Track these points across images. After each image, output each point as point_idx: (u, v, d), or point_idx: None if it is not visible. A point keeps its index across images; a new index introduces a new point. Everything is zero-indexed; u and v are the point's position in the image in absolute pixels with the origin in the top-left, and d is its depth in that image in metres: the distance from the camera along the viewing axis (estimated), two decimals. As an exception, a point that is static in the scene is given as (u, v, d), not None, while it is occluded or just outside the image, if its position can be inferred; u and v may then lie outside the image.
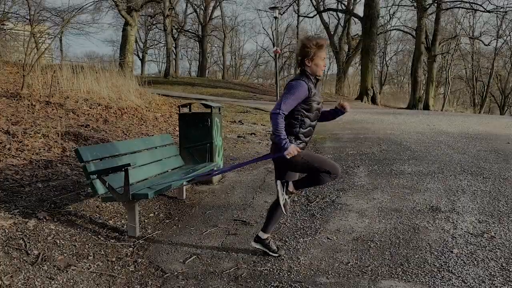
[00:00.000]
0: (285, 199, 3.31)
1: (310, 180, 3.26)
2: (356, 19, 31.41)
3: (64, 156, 5.77)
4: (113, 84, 10.61)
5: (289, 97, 3.07)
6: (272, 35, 41.91)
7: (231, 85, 29.68)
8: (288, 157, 3.08)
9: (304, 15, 40.10)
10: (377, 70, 40.03)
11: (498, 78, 38.71)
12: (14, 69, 11.51)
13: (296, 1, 34.77)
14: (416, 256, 3.40)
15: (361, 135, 9.80)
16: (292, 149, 3.07)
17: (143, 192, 3.74)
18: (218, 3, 38.38)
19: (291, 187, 3.31)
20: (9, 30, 15.29)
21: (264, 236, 3.47)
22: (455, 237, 3.73)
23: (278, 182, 3.30)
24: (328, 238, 3.83)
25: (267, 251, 3.47)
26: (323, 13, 34.90)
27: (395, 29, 36.40)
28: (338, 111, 3.44)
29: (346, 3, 33.39)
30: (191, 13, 41.02)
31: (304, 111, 3.17)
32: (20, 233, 3.47)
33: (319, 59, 3.16)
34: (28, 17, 12.18)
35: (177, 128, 6.18)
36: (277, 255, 3.45)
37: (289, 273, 3.20)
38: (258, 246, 3.49)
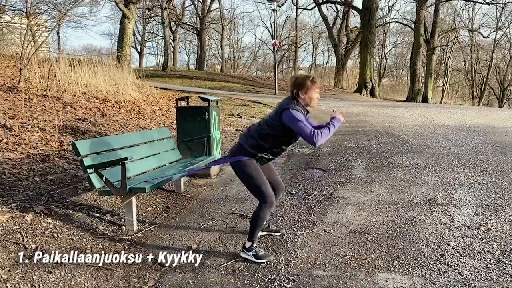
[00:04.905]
0: None
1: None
2: (355, 11, 31.29)
3: (61, 150, 5.77)
4: (111, 77, 10.56)
5: (301, 121, 3.11)
6: (271, 27, 41.73)
7: (230, 78, 29.60)
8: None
9: (302, 7, 39.98)
10: (376, 62, 39.95)
11: (497, 70, 38.67)
12: (11, 63, 11.46)
13: (295, -7, 34.63)
14: (413, 249, 3.41)
15: (359, 128, 9.80)
16: (340, 116, 3.29)
17: (140, 186, 3.74)
18: (216, -4, 38.17)
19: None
20: (5, 23, 15.17)
21: (248, 244, 3.33)
22: (452, 230, 3.75)
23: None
24: (325, 231, 3.85)
25: (254, 259, 3.28)
26: (321, 5, 34.73)
27: (394, 21, 36.31)
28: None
29: (345, -5, 33.23)
30: (189, 5, 40.77)
31: (286, 138, 3.25)
32: (17, 227, 3.47)
33: (313, 92, 3.24)
34: (25, 10, 12.07)
35: (175, 122, 6.17)
36: (264, 261, 3.28)
37: (286, 266, 3.21)
38: (245, 256, 3.33)
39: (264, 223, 3.71)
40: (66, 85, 9.18)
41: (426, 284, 2.88)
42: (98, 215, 4.12)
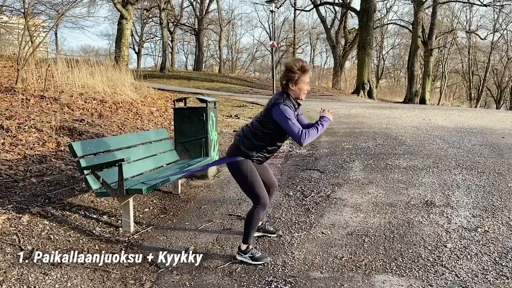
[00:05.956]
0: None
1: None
2: (353, 13, 31.35)
3: (58, 151, 5.75)
4: (109, 78, 10.55)
5: (290, 119, 3.06)
6: (269, 28, 41.77)
7: (228, 79, 29.62)
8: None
9: (300, 8, 40.03)
10: (373, 64, 40.02)
11: (494, 72, 38.82)
12: (8, 63, 11.43)
13: (293, -5, 34.71)
14: (410, 251, 3.41)
15: (357, 129, 9.80)
16: (329, 115, 3.25)
17: (137, 187, 3.73)
18: (214, -4, 38.21)
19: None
20: (3, 24, 15.14)
21: (243, 247, 3.32)
22: (449, 232, 3.75)
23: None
24: (322, 233, 3.84)
25: (250, 261, 3.27)
26: (319, 7, 34.82)
27: (391, 23, 36.45)
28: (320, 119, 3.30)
29: (343, -4, 33.31)
30: (187, 6, 40.80)
31: (279, 135, 3.21)
32: (13, 228, 3.46)
33: (303, 83, 3.17)
34: (23, 10, 12.05)
35: (173, 123, 6.17)
36: (261, 263, 3.27)
37: (283, 268, 3.21)
38: (241, 258, 3.31)
39: (260, 224, 3.72)
40: (64, 86, 9.17)
41: (423, 286, 2.88)
42: (95, 216, 4.11)
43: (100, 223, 3.99)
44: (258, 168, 3.36)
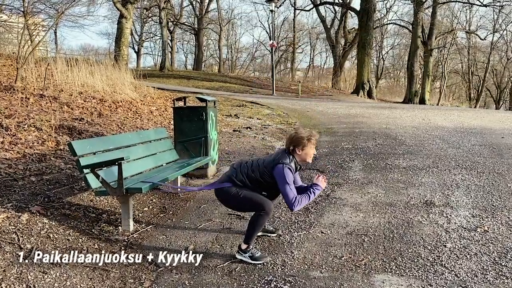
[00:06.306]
0: None
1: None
2: (352, 13, 31.36)
3: (58, 150, 5.74)
4: (108, 77, 10.53)
5: (289, 183, 3.22)
6: (269, 28, 41.75)
7: (227, 79, 29.61)
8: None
9: (300, 8, 40.06)
10: (373, 64, 40.02)
11: (494, 72, 38.84)
12: (8, 62, 11.41)
13: (293, -6, 34.70)
14: (409, 251, 3.41)
15: (356, 129, 9.80)
16: (322, 183, 3.38)
17: (137, 186, 3.73)
18: (214, -4, 38.18)
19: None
20: (3, 22, 15.12)
21: (244, 246, 3.32)
22: (449, 232, 3.75)
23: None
24: (322, 232, 3.84)
25: (250, 261, 3.28)
26: (319, 7, 34.82)
27: (391, 23, 36.45)
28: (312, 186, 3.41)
29: (342, -4, 33.30)
30: (187, 5, 40.77)
31: (272, 190, 3.38)
32: (13, 227, 3.45)
33: (309, 148, 3.36)
34: (22, 9, 12.05)
35: (172, 122, 6.17)
36: (260, 262, 3.27)
37: (283, 267, 3.20)
38: (241, 257, 3.32)
39: None
40: (63, 85, 9.15)
41: (423, 286, 2.88)
42: (94, 215, 4.11)
43: (100, 222, 3.98)
44: None
